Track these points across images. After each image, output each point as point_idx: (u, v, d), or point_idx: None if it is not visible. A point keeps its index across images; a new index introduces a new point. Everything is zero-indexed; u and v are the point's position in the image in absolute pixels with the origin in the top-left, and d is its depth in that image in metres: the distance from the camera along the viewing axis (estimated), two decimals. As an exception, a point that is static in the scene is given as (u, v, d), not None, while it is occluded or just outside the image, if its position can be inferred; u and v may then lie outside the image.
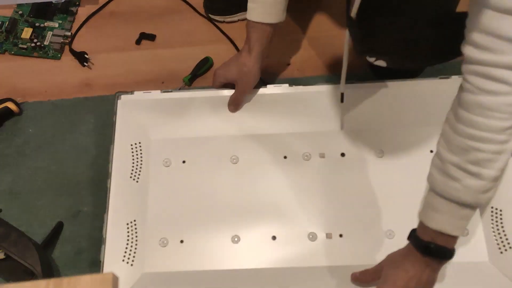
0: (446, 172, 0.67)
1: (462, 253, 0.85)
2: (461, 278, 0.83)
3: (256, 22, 0.89)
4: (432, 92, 0.94)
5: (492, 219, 0.87)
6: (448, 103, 0.70)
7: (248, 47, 0.92)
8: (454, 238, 0.71)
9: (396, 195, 0.90)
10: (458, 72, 0.67)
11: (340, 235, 0.89)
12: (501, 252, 0.85)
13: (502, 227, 0.86)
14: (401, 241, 0.85)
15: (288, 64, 1.10)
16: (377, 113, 0.95)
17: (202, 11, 1.17)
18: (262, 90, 0.96)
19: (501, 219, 0.87)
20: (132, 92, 0.97)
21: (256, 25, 0.89)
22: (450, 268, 0.84)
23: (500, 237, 0.85)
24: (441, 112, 0.70)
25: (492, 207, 0.88)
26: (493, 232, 0.86)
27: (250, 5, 0.88)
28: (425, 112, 0.93)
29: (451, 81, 0.93)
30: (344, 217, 0.90)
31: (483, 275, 0.84)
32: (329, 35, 1.13)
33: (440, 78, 0.94)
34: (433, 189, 0.70)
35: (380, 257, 0.84)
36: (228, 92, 0.97)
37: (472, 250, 0.86)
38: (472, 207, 0.69)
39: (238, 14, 1.14)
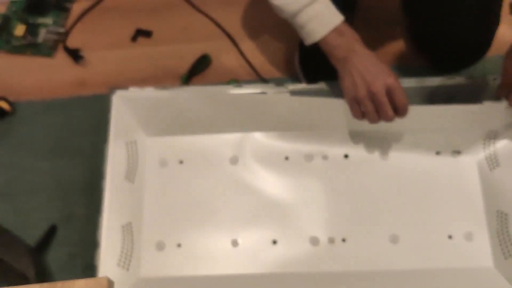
0: None
1: (467, 258, 0.86)
2: (465, 283, 0.83)
3: (343, 20, 0.85)
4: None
5: (497, 224, 0.86)
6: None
7: (359, 41, 0.85)
8: None
9: (400, 198, 0.90)
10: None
11: (343, 240, 0.88)
12: (505, 258, 0.84)
13: (507, 232, 0.85)
14: (406, 246, 0.86)
15: (289, 62, 1.09)
16: None
17: (200, 6, 1.16)
18: (262, 89, 0.94)
19: (506, 224, 0.86)
20: (127, 89, 0.95)
21: (343, 23, 0.85)
22: (453, 273, 0.84)
23: (505, 242, 0.85)
24: (444, 121, 0.70)
25: (497, 211, 0.87)
26: (498, 237, 0.85)
27: (319, 19, 0.84)
28: (427, 120, 0.91)
29: (457, 81, 0.93)
30: (347, 221, 0.89)
31: (487, 280, 0.84)
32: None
33: (447, 78, 0.93)
34: None
35: (384, 262, 0.85)
36: (228, 91, 0.94)
37: (477, 255, 0.86)
38: None
39: None
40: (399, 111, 0.82)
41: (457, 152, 0.92)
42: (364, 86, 0.82)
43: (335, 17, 0.84)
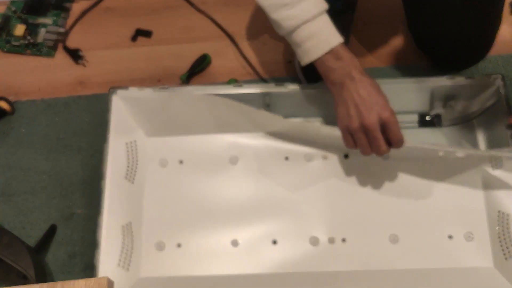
0: None
1: (467, 258, 0.85)
2: (464, 283, 0.83)
3: (341, 43, 0.82)
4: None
5: (498, 225, 0.86)
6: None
7: (357, 66, 0.82)
8: None
9: (401, 198, 0.89)
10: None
11: (343, 240, 0.88)
12: (506, 258, 0.84)
13: (508, 232, 0.85)
14: (406, 246, 0.86)
15: (289, 62, 1.09)
16: None
17: (199, 6, 1.16)
18: (262, 89, 0.94)
19: (507, 224, 0.85)
20: (126, 88, 0.95)
21: (342, 46, 0.82)
22: (453, 273, 0.84)
23: (506, 243, 0.84)
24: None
25: (499, 211, 0.87)
26: (499, 237, 0.85)
27: (317, 38, 0.81)
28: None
29: (457, 81, 0.92)
30: (347, 221, 0.89)
31: (487, 280, 0.83)
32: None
33: (447, 78, 0.93)
34: None
35: (384, 262, 0.85)
36: (224, 90, 0.95)
37: (477, 255, 0.86)
38: None
39: None
40: (393, 145, 0.81)
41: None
42: (358, 118, 0.79)
43: (334, 38, 0.81)
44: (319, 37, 0.81)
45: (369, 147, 0.81)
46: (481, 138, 0.94)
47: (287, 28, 0.82)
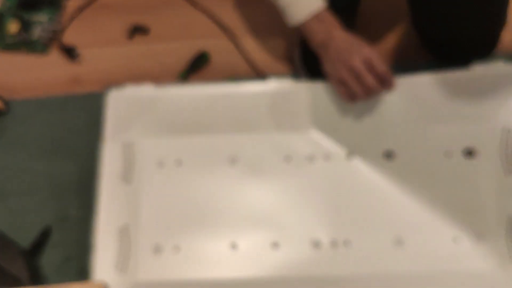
0: None
1: (472, 261, 0.84)
2: (468, 285, 0.82)
3: (324, 6, 0.87)
4: (444, 86, 0.91)
5: (507, 229, 0.85)
6: (462, 98, 0.71)
7: (338, 26, 0.88)
8: None
9: (404, 200, 0.89)
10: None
11: (345, 242, 0.87)
12: None
13: None
14: (410, 249, 0.85)
15: (289, 58, 1.09)
16: (386, 112, 0.92)
17: (197, 3, 1.16)
18: (262, 86, 0.94)
19: None
20: (123, 87, 0.95)
21: (324, 9, 0.87)
22: (458, 275, 0.83)
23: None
24: (456, 108, 0.69)
25: (508, 216, 0.86)
26: (506, 241, 0.84)
27: (301, 2, 0.87)
28: (437, 109, 0.91)
29: (465, 74, 0.92)
30: (349, 223, 0.88)
31: (493, 284, 0.83)
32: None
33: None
34: None
35: (387, 265, 0.84)
36: (223, 88, 0.95)
37: (483, 258, 0.85)
38: None
39: None
40: (382, 80, 0.85)
41: (469, 153, 0.90)
42: (343, 65, 0.85)
43: (316, 3, 0.86)
44: (302, 2, 0.87)
45: (361, 87, 0.85)
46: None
47: None
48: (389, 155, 0.91)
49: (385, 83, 0.86)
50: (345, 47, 0.86)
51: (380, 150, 0.92)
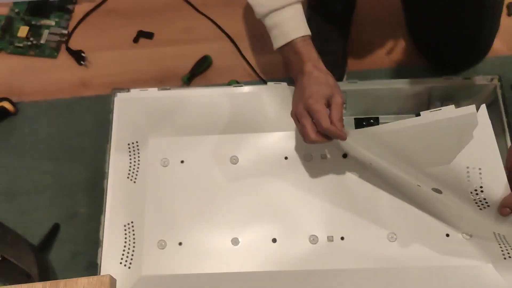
0: None
1: (465, 256, 0.85)
2: (462, 281, 0.83)
3: (301, 38, 0.82)
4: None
5: (494, 233, 0.85)
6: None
7: (311, 61, 0.83)
8: None
9: (398, 197, 0.89)
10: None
11: (342, 238, 0.88)
12: (505, 258, 0.83)
13: (506, 238, 0.83)
14: (404, 244, 0.86)
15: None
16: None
17: (200, 8, 1.16)
18: (262, 88, 0.95)
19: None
20: (128, 90, 0.96)
21: (301, 41, 0.83)
22: (451, 271, 0.84)
23: (504, 243, 0.84)
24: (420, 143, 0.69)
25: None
26: (498, 236, 0.84)
27: (280, 29, 0.83)
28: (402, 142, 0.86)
29: (453, 82, 0.92)
30: (345, 219, 0.89)
31: (483, 279, 0.83)
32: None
33: (444, 79, 0.93)
34: None
35: (382, 260, 0.85)
36: (225, 91, 0.95)
37: (475, 253, 0.85)
38: None
39: None
40: (325, 134, 0.80)
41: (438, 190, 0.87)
42: (293, 108, 0.82)
43: (295, 31, 0.82)
44: (282, 28, 0.82)
45: (301, 134, 0.82)
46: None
47: (258, 14, 0.84)
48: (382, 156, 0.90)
49: (329, 136, 0.80)
50: (304, 88, 0.81)
51: (374, 152, 0.90)
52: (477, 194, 0.73)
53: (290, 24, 0.82)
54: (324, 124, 0.78)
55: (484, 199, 0.73)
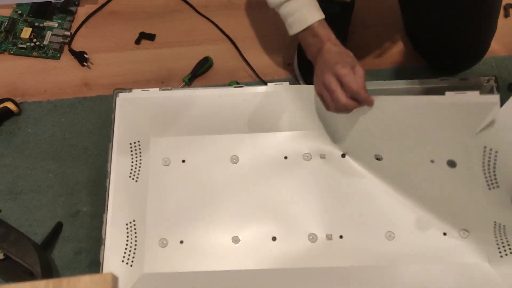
0: None
1: (461, 255, 0.85)
2: (458, 279, 0.83)
3: (318, 21, 0.86)
4: (434, 92, 0.92)
5: (494, 222, 0.86)
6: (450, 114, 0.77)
7: (330, 41, 0.85)
8: None
9: (396, 196, 0.90)
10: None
11: (340, 236, 0.88)
12: (501, 256, 0.84)
13: (504, 230, 0.85)
14: (401, 242, 0.86)
15: (289, 64, 1.09)
16: (379, 118, 0.93)
17: (201, 10, 1.17)
18: (262, 89, 0.95)
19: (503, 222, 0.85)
20: (130, 90, 0.96)
21: (318, 24, 0.86)
22: (448, 269, 0.84)
23: (502, 241, 0.85)
24: (439, 119, 0.70)
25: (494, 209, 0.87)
26: (495, 234, 0.85)
27: (296, 16, 0.86)
28: (423, 115, 0.90)
29: (451, 82, 0.93)
30: (344, 218, 0.89)
31: (480, 277, 0.84)
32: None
33: (441, 79, 0.94)
34: None
35: (380, 258, 0.85)
36: (225, 91, 0.96)
37: (472, 252, 0.86)
38: None
39: None
40: (355, 96, 0.81)
41: (452, 163, 0.90)
42: (320, 80, 0.84)
43: (312, 16, 0.85)
44: (299, 14, 0.86)
45: (332, 101, 0.83)
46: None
47: (272, 3, 0.87)
48: (379, 158, 0.92)
49: (359, 101, 0.82)
50: (326, 61, 0.83)
51: (372, 152, 0.92)
52: (489, 173, 0.79)
53: (305, 10, 0.86)
54: (354, 86, 0.80)
55: (495, 179, 0.78)
